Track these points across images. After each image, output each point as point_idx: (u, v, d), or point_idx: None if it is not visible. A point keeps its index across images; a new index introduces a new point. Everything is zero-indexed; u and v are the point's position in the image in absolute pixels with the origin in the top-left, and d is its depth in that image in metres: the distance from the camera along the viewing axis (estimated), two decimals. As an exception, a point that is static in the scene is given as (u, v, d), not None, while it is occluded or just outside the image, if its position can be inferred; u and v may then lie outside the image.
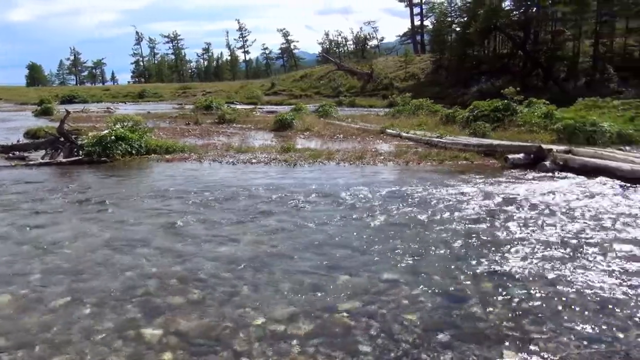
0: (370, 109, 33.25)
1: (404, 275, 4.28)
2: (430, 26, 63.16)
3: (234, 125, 20.65)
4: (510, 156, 9.90)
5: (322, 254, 4.83)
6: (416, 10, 70.58)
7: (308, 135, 16.60)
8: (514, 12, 44.08)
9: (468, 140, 12.63)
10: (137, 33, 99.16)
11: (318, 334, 3.34)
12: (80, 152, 11.17)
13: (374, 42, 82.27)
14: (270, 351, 3.14)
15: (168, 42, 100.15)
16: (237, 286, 4.12)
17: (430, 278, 4.23)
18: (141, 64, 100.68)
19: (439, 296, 3.88)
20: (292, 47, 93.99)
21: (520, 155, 9.85)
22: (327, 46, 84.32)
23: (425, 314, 3.60)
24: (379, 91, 47.00)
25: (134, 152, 11.48)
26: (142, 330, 3.41)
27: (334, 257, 4.75)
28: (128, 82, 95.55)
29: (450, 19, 52.99)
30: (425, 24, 70.35)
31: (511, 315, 3.56)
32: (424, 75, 50.08)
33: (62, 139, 11.64)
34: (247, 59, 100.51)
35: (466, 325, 3.43)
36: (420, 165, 10.26)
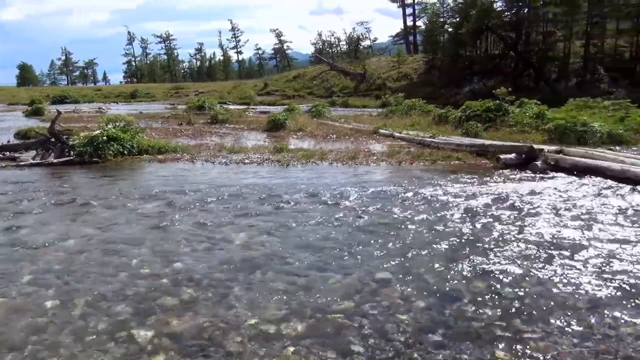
0: (363, 109, 33.29)
1: (395, 275, 4.30)
2: (423, 26, 63.43)
3: (227, 125, 20.60)
4: (502, 156, 9.95)
5: (314, 254, 4.83)
6: (409, 10, 70.91)
7: (301, 135, 16.59)
8: (506, 13, 44.37)
9: (460, 140, 12.68)
10: (129, 33, 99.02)
11: (310, 334, 3.34)
12: (72, 153, 11.09)
13: (367, 43, 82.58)
14: (262, 351, 3.14)
15: (160, 42, 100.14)
16: (230, 287, 4.11)
17: (422, 278, 4.25)
18: (133, 64, 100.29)
19: (431, 296, 3.90)
20: (285, 48, 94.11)
21: (512, 156, 9.91)
22: (320, 46, 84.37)
23: (417, 313, 3.62)
24: (371, 91, 47.08)
25: (126, 153, 11.42)
26: (134, 331, 3.39)
27: (326, 257, 4.75)
28: (120, 82, 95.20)
29: (442, 20, 53.27)
30: (417, 24, 70.73)
31: (503, 315, 3.57)
32: (417, 75, 50.24)
33: (53, 140, 11.55)
34: (240, 59, 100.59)
35: (458, 324, 3.45)
36: (413, 165, 10.29)
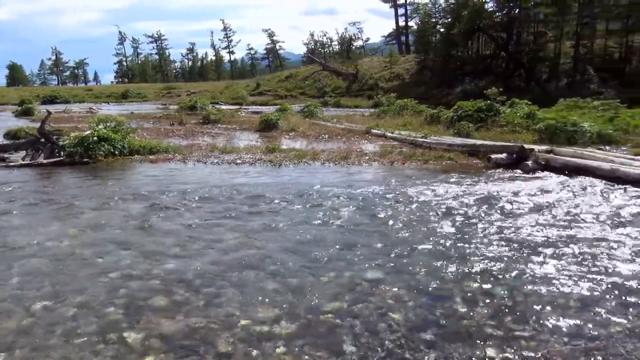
0: (355, 109, 33.34)
1: (387, 275, 4.30)
2: (415, 27, 63.63)
3: (219, 125, 20.54)
4: (493, 156, 10.00)
5: (306, 254, 4.83)
6: (401, 11, 71.25)
7: (293, 135, 16.58)
8: (497, 14, 44.59)
9: (452, 140, 12.74)
10: (120, 33, 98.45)
11: (302, 334, 3.34)
12: (62, 153, 11.00)
13: (359, 43, 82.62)
14: (254, 352, 3.13)
15: (152, 42, 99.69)
16: (221, 287, 4.09)
17: (413, 277, 4.26)
18: (124, 64, 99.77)
19: (423, 295, 3.91)
20: (278, 48, 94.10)
21: (503, 155, 9.96)
22: (313, 46, 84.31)
23: (409, 313, 3.62)
24: (364, 91, 47.16)
25: (117, 153, 11.35)
26: (124, 333, 3.37)
27: (317, 257, 4.74)
28: (111, 83, 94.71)
29: (434, 20, 53.40)
30: (409, 24, 71.09)
31: (494, 314, 3.59)
32: (409, 75, 50.38)
33: (43, 140, 11.45)
34: (232, 59, 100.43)
35: (450, 324, 3.46)
36: (405, 165, 10.31)
